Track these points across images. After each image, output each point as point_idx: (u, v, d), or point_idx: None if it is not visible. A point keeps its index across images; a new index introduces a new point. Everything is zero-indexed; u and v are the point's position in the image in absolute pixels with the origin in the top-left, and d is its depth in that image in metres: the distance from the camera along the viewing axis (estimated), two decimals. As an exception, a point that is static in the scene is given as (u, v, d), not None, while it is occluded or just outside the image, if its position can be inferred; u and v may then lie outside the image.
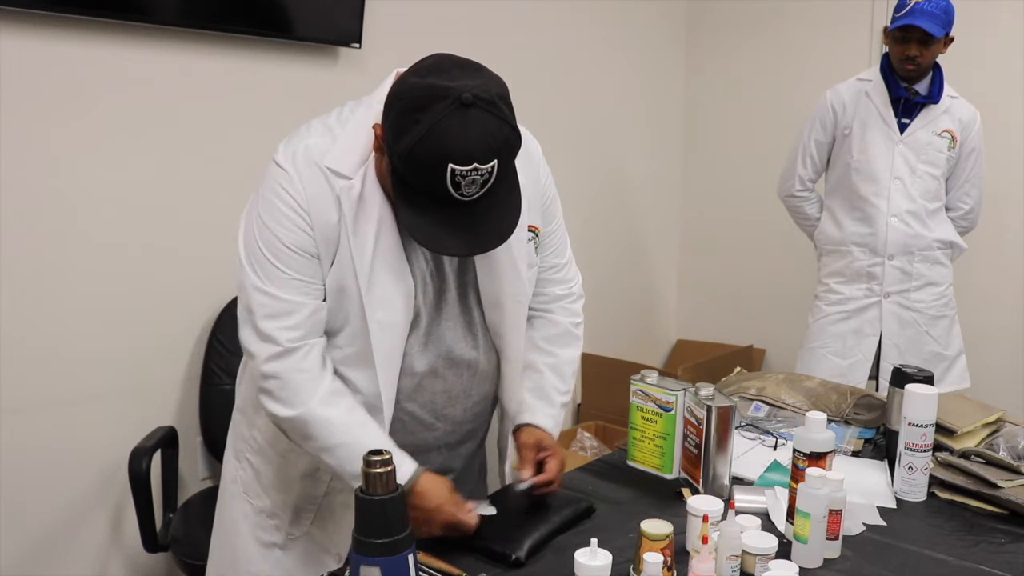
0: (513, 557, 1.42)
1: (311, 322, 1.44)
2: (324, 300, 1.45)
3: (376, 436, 1.44)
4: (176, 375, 2.52)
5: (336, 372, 1.48)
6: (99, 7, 2.19)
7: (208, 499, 2.45)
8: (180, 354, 2.53)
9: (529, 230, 1.57)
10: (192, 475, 2.57)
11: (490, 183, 1.28)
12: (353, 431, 1.44)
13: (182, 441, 2.39)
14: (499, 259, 1.51)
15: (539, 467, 1.58)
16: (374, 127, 1.36)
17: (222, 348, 2.48)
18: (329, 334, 1.48)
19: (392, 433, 1.51)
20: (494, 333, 1.58)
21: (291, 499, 1.60)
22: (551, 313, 1.71)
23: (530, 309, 1.66)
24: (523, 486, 1.56)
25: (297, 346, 1.42)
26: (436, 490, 1.44)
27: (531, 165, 1.57)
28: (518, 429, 1.64)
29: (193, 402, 2.52)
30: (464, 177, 1.25)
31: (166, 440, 2.30)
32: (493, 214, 1.33)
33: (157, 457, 2.26)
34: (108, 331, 2.36)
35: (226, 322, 2.48)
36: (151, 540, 2.20)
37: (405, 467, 1.43)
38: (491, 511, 1.50)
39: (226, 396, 2.46)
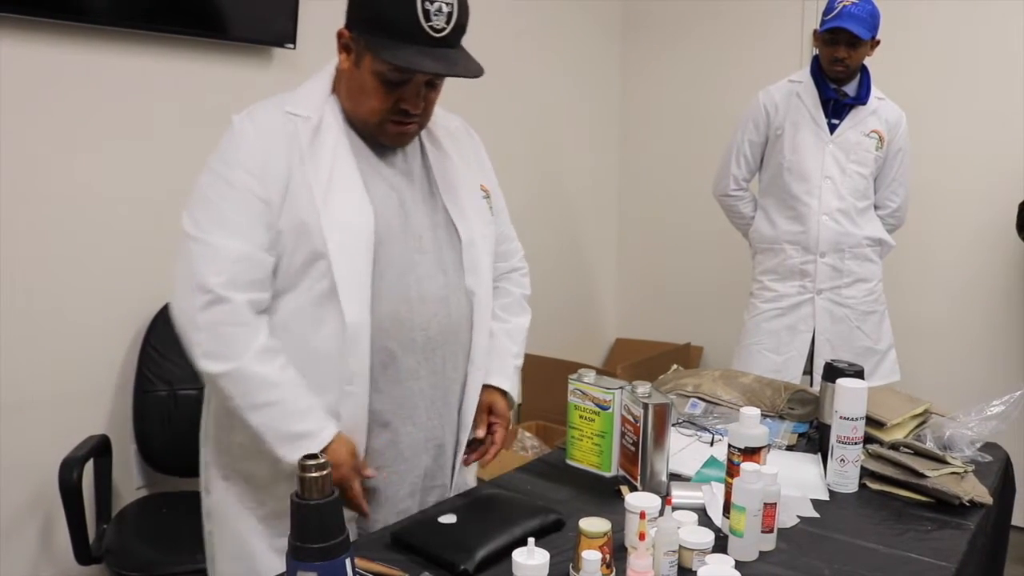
0: (461, 568, 1.36)
1: (234, 270, 1.43)
2: (264, 252, 1.45)
3: (307, 398, 1.46)
4: (108, 382, 2.47)
5: (311, 314, 1.48)
6: (30, 6, 2.14)
7: (143, 508, 2.42)
8: (112, 361, 2.47)
9: (481, 189, 1.70)
10: (126, 484, 2.51)
11: (455, 17, 1.44)
12: (285, 389, 1.44)
13: (116, 450, 2.33)
14: (466, 202, 1.64)
15: (488, 430, 1.71)
16: (338, 34, 1.49)
17: (156, 354, 2.43)
18: (300, 277, 1.48)
19: (377, 377, 1.51)
20: (469, 270, 1.62)
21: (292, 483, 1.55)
22: (504, 283, 1.81)
23: None
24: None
25: (226, 295, 1.42)
26: (338, 451, 1.46)
27: (472, 141, 1.75)
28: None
29: (127, 410, 2.46)
30: (432, 3, 1.40)
31: (98, 449, 2.25)
32: (463, 55, 1.49)
33: (90, 467, 2.21)
34: (37, 337, 2.29)
35: (160, 327, 2.43)
36: (84, 552, 2.15)
37: (328, 431, 1.46)
38: (451, 519, 1.49)
39: (161, 403, 2.43)
